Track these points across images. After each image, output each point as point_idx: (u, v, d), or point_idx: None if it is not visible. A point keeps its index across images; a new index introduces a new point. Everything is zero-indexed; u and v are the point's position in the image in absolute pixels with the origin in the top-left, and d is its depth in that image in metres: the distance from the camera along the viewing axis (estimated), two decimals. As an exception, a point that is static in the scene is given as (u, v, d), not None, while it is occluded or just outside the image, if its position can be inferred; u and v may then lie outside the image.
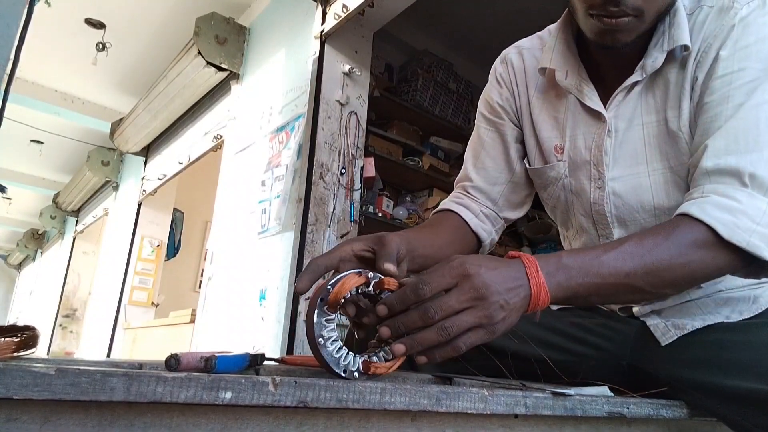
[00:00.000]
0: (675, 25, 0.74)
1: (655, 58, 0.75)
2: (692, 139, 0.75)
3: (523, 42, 0.96)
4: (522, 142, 0.94)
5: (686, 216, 0.67)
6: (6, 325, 0.54)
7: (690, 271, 0.65)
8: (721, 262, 0.66)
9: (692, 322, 0.77)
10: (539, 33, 0.94)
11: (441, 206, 0.96)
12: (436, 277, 0.57)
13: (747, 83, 0.69)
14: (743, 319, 0.76)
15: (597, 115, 0.81)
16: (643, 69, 0.77)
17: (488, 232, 0.94)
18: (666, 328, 0.79)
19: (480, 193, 0.94)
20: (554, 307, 0.91)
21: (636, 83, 0.78)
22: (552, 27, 0.91)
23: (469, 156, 0.98)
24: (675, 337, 0.78)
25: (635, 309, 0.84)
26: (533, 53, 0.92)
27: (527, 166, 0.94)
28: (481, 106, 0.98)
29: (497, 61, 0.98)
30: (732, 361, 0.71)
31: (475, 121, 0.99)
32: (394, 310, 0.57)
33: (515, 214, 0.98)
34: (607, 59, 0.82)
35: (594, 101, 0.81)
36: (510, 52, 0.96)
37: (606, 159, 0.81)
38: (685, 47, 0.74)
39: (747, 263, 0.66)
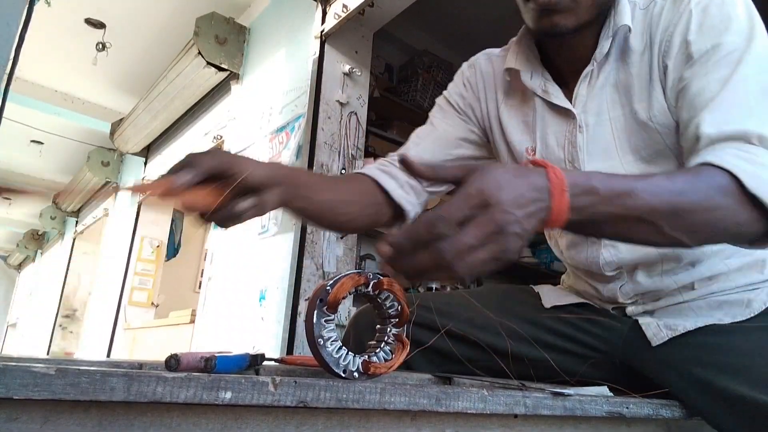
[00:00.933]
0: (617, 13, 0.77)
1: (602, 46, 0.77)
2: (668, 128, 0.75)
3: (494, 50, 0.96)
4: (473, 142, 0.94)
5: (707, 165, 0.62)
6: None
7: (712, 218, 0.59)
8: (742, 217, 0.60)
9: (684, 323, 0.77)
10: (513, 40, 0.93)
11: (358, 170, 0.90)
12: (454, 210, 0.49)
13: (724, 57, 0.69)
14: (735, 322, 0.76)
15: (565, 113, 0.82)
16: (594, 59, 0.78)
17: (413, 204, 0.89)
18: (657, 328, 0.79)
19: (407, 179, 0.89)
20: (547, 305, 0.91)
21: (596, 74, 0.79)
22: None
23: (413, 136, 0.96)
24: (666, 338, 0.77)
25: (628, 309, 0.84)
26: (502, 61, 0.92)
27: None
28: (440, 100, 0.97)
29: (465, 65, 0.98)
30: (723, 365, 0.70)
31: (430, 112, 0.98)
32: (403, 251, 0.50)
33: (439, 187, 0.93)
34: (564, 57, 0.83)
35: (561, 99, 0.82)
36: (479, 57, 0.96)
37: (581, 155, 0.81)
38: (628, 28, 0.76)
39: (765, 227, 0.61)
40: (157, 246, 4.57)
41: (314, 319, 0.56)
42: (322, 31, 2.51)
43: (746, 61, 0.68)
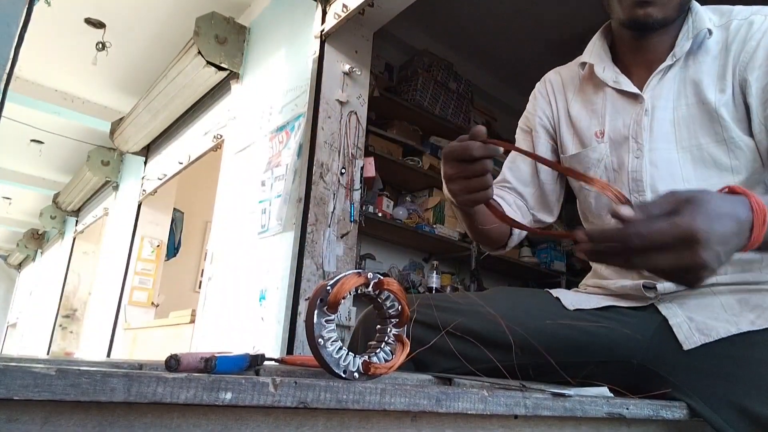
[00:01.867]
0: (696, 19, 0.88)
1: (682, 45, 0.88)
2: (728, 122, 0.83)
3: (561, 66, 1.09)
4: (553, 151, 1.04)
5: None
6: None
7: None
8: None
9: (717, 329, 0.76)
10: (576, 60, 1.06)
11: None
12: (656, 234, 0.52)
13: None
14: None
15: (635, 97, 0.91)
16: (673, 55, 0.88)
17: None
18: (690, 332, 0.78)
19: (513, 190, 1.03)
20: (570, 308, 0.91)
21: (669, 67, 0.89)
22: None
23: (506, 161, 1.07)
24: (699, 344, 0.76)
25: (659, 285, 0.84)
26: (570, 69, 1.06)
27: (562, 155, 1.02)
28: (520, 122, 1.10)
29: (537, 84, 1.10)
30: (755, 383, 0.70)
31: (515, 136, 1.11)
32: (596, 246, 0.55)
33: (545, 216, 1.04)
34: (639, 53, 0.93)
35: (631, 86, 0.92)
36: (549, 73, 1.10)
37: (644, 133, 0.89)
38: (708, 31, 0.87)
39: None
40: (157, 246, 4.57)
41: (314, 319, 0.56)
42: (322, 31, 2.51)
43: None
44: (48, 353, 5.96)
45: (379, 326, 0.63)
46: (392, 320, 0.62)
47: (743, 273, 0.80)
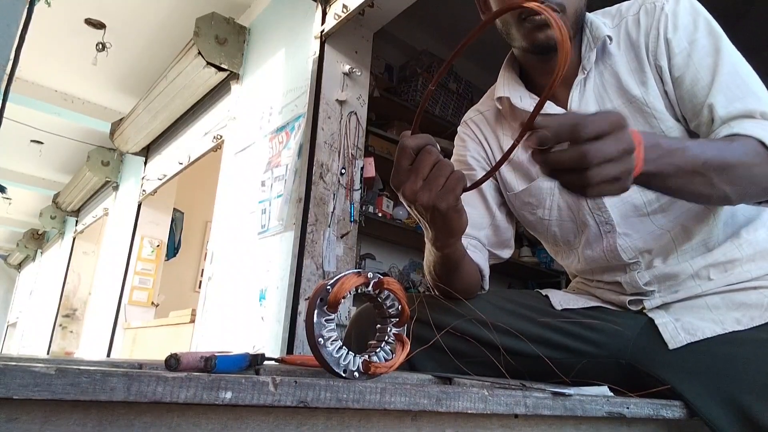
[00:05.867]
0: (593, 29, 0.88)
1: (589, 56, 0.87)
2: (661, 113, 0.84)
3: (477, 105, 1.06)
4: (497, 190, 1.00)
5: (734, 135, 0.73)
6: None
7: (751, 173, 0.70)
8: None
9: (702, 329, 0.77)
10: (487, 92, 1.05)
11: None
12: (598, 120, 0.57)
13: (703, 48, 0.81)
14: (755, 327, 0.75)
15: None
16: (583, 68, 0.88)
17: (484, 263, 0.96)
18: (675, 331, 0.78)
19: (467, 236, 0.96)
20: (558, 308, 0.91)
21: (585, 80, 0.88)
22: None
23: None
24: (684, 343, 0.77)
25: (646, 302, 0.84)
26: (488, 105, 1.03)
27: (509, 193, 0.98)
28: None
29: (459, 128, 1.07)
30: (740, 380, 0.70)
31: None
32: (546, 145, 0.57)
33: (502, 252, 1.01)
34: (550, 77, 0.88)
35: (555, 108, 0.89)
36: (467, 115, 1.07)
37: None
38: (609, 38, 0.87)
39: None
40: (157, 245, 4.57)
41: (314, 319, 0.56)
42: (322, 31, 2.51)
43: (723, 47, 0.80)
44: (48, 353, 5.96)
45: (379, 325, 0.63)
46: (392, 320, 0.62)
47: (726, 275, 0.81)
